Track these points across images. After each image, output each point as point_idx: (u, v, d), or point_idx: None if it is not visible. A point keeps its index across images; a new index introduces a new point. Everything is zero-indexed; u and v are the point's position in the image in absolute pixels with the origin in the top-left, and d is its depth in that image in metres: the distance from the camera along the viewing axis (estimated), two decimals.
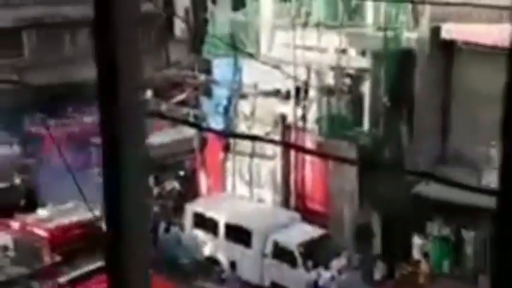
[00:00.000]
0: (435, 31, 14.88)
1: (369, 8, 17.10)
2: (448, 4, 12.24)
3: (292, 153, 17.89)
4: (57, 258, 15.96)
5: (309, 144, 17.13)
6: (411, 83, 15.25)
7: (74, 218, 17.63)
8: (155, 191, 21.07)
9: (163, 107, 23.41)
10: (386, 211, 15.28)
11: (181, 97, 22.04)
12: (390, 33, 16.00)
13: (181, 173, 21.52)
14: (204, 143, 20.35)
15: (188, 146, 21.22)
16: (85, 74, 24.57)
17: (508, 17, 12.31)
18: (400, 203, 14.30)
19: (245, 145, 18.55)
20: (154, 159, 22.55)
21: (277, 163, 18.17)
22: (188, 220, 17.80)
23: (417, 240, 15.49)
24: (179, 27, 27.86)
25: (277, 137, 17.65)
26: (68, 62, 25.13)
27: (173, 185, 21.15)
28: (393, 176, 13.70)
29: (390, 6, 16.12)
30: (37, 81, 22.28)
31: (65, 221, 17.61)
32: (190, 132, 20.91)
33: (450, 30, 14.34)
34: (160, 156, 22.57)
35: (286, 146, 18.35)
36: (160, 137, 22.85)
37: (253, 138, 16.61)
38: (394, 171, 13.80)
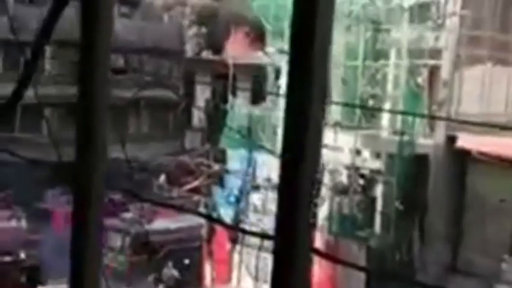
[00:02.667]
0: (451, 139, 15.06)
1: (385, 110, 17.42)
2: (464, 122, 12.48)
3: None
4: None
5: (318, 242, 16.98)
6: (424, 189, 15.28)
7: None
8: (151, 276, 20.88)
9: (175, 193, 23.52)
10: None
11: (193, 184, 22.17)
12: (405, 138, 16.21)
13: (186, 261, 21.31)
14: (212, 232, 20.25)
15: (196, 234, 21.12)
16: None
17: None
18: None
19: (254, 238, 18.42)
20: (156, 244, 22.44)
21: None
22: None
23: None
24: (197, 116, 28.40)
25: None
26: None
27: (171, 272, 20.94)
28: (403, 283, 13.48)
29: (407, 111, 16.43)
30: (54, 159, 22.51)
31: None
32: (199, 220, 20.87)
33: (466, 140, 14.51)
34: (164, 242, 22.44)
35: None
36: (166, 222, 22.83)
37: (261, 235, 16.46)
38: (402, 279, 13.60)
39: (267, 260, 18.56)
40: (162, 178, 24.82)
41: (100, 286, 2.40)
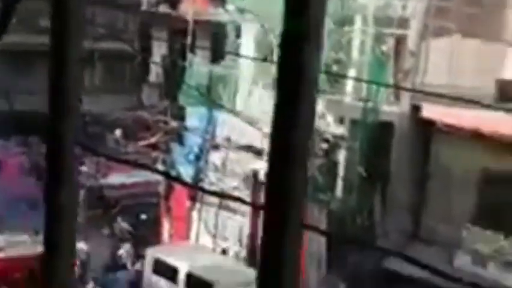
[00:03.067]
0: (416, 108, 15.36)
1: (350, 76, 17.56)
2: (427, 93, 12.70)
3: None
4: None
5: None
6: (387, 156, 15.59)
7: (26, 251, 17.19)
8: (106, 231, 20.81)
9: (131, 148, 23.25)
10: (354, 283, 15.30)
11: (150, 141, 21.92)
12: (369, 104, 16.43)
13: (143, 216, 21.25)
14: (170, 189, 20.19)
15: (153, 190, 21.02)
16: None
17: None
18: (369, 277, 14.39)
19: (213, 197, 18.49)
20: (111, 199, 22.28)
21: (246, 219, 18.14)
22: (148, 265, 17.50)
23: None
24: (155, 72, 27.90)
25: (247, 192, 17.68)
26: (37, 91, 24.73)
27: (122, 226, 20.91)
28: (363, 248, 13.85)
29: (372, 79, 16.62)
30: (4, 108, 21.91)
31: (15, 252, 17.20)
32: (156, 176, 20.74)
33: (430, 111, 14.82)
34: (119, 197, 22.28)
35: (252, 206, 18.35)
36: (122, 177, 22.61)
37: (221, 195, 16.52)
38: (364, 245, 13.95)
39: (227, 219, 18.71)
40: (118, 132, 24.46)
41: (75, 236, 2.42)
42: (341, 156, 16.72)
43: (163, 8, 30.99)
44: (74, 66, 2.45)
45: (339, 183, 16.47)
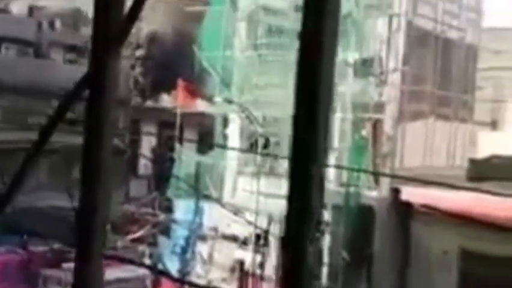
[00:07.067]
0: (395, 192, 15.46)
1: (331, 163, 17.74)
2: (405, 178, 12.86)
3: None
4: None
5: None
6: (370, 240, 15.56)
7: None
8: None
9: (119, 243, 23.13)
10: None
11: (138, 234, 21.89)
12: (351, 189, 16.52)
13: None
14: (157, 283, 19.96)
15: (140, 285, 20.72)
16: (42, 202, 24.32)
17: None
18: None
19: None
20: None
21: None
22: None
23: None
24: (143, 164, 28.22)
25: (234, 283, 17.51)
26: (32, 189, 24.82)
27: None
28: None
29: (352, 165, 16.80)
30: None
31: None
32: (143, 270, 20.53)
33: (408, 193, 14.93)
34: None
35: None
36: (108, 273, 22.30)
37: None
38: None
39: None
40: (107, 227, 24.42)
41: None
42: (325, 242, 16.66)
43: (152, 102, 31.72)
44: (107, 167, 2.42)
45: (325, 270, 16.33)
